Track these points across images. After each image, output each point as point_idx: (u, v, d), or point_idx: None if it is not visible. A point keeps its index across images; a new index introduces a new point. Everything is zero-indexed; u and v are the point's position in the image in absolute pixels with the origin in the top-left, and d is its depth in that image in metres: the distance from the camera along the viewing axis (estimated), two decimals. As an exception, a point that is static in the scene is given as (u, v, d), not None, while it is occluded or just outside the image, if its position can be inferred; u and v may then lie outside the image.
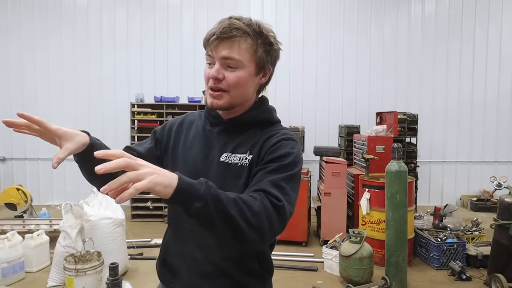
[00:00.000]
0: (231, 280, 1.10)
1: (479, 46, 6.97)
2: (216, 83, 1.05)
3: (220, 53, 1.03)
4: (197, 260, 1.10)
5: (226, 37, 1.01)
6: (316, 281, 3.65)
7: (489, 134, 7.03)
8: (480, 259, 3.86)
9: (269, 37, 1.08)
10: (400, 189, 3.37)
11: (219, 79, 1.04)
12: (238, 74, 1.05)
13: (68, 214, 3.42)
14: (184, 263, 1.12)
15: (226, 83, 1.04)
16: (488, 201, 6.47)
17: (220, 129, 1.15)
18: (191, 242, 1.11)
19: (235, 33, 1.01)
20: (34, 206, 5.25)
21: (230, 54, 1.02)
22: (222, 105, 1.08)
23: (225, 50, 1.02)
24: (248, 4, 6.91)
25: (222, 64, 1.04)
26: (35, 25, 6.80)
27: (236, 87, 1.05)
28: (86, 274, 2.97)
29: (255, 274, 1.12)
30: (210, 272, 1.09)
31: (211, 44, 1.03)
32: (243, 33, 1.02)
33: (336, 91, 6.98)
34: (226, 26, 1.01)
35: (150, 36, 6.90)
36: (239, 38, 1.02)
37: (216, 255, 1.09)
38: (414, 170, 5.96)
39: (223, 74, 1.04)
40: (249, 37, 1.03)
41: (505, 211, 3.31)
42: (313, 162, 6.45)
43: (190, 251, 1.10)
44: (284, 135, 1.08)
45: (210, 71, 1.06)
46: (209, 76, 1.05)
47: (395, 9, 6.98)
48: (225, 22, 1.02)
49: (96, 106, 6.90)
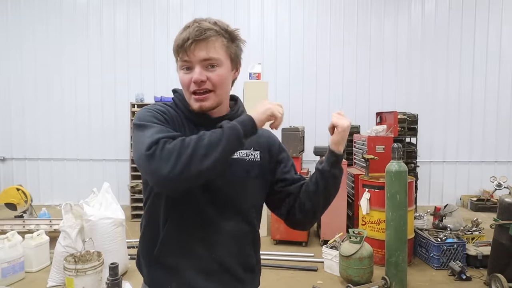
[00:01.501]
0: (233, 277, 1.13)
1: (479, 46, 6.96)
2: (201, 85, 1.06)
3: (199, 55, 1.04)
4: (201, 257, 1.09)
5: (201, 38, 1.03)
6: (316, 281, 3.65)
7: (489, 134, 7.03)
8: (480, 259, 3.86)
9: (235, 33, 1.11)
10: (400, 189, 3.37)
11: (203, 81, 1.05)
12: (219, 72, 1.07)
13: (68, 214, 3.42)
14: (186, 262, 1.10)
15: (210, 83, 1.06)
16: (488, 201, 6.47)
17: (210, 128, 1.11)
18: (195, 239, 1.09)
19: (209, 33, 1.04)
20: (34, 206, 5.25)
21: (209, 55, 1.05)
22: (210, 106, 1.09)
23: (203, 52, 1.04)
24: (248, 4, 6.91)
25: (203, 66, 1.06)
26: (35, 25, 6.80)
27: (220, 85, 1.08)
28: (86, 274, 2.97)
29: (253, 269, 1.20)
30: (214, 270, 1.10)
31: (188, 49, 1.04)
32: (215, 32, 1.06)
33: (336, 91, 6.98)
34: (198, 28, 1.03)
35: (150, 36, 6.91)
36: (212, 38, 1.05)
37: (220, 252, 1.10)
38: (414, 170, 5.96)
39: (205, 75, 1.06)
40: (220, 35, 1.07)
41: (505, 211, 3.31)
42: (313, 162, 6.45)
43: (193, 249, 1.09)
44: (270, 133, 1.30)
45: (189, 76, 1.06)
46: (193, 80, 1.05)
47: (395, 9, 6.98)
48: (194, 26, 1.05)
49: (96, 106, 6.90)
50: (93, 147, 6.90)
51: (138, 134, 1.01)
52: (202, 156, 0.92)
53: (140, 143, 0.97)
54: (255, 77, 5.13)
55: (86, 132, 6.90)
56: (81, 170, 6.92)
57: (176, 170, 0.90)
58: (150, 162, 0.92)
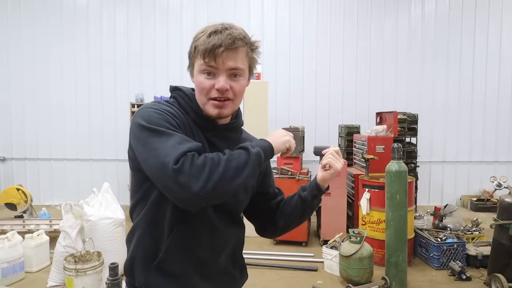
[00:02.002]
0: (230, 277, 1.19)
1: (479, 46, 6.96)
2: (224, 94, 1.06)
3: (228, 64, 1.04)
4: (207, 263, 1.12)
5: (233, 47, 1.03)
6: (316, 281, 3.65)
7: (489, 134, 7.02)
8: (480, 259, 3.86)
9: (256, 45, 1.12)
10: (400, 189, 3.37)
11: (228, 89, 1.05)
12: (241, 82, 1.09)
13: (68, 214, 3.42)
14: (191, 268, 1.10)
15: (232, 92, 1.07)
16: (488, 201, 6.47)
17: (215, 134, 1.14)
18: (203, 247, 1.10)
19: (240, 43, 1.04)
20: (34, 206, 5.25)
21: (237, 65, 1.05)
22: (228, 114, 1.11)
23: (232, 61, 1.04)
24: (248, 4, 6.91)
25: (228, 74, 1.06)
26: (35, 25, 6.80)
27: (240, 95, 1.10)
28: (86, 274, 2.97)
29: (243, 267, 1.27)
30: (217, 273, 1.14)
31: (218, 55, 1.02)
32: (243, 42, 1.06)
33: (336, 91, 6.98)
34: (231, 36, 1.02)
35: (150, 36, 6.91)
36: (242, 48, 1.06)
37: (224, 256, 1.15)
38: (414, 170, 5.95)
39: (229, 84, 1.06)
40: (246, 45, 1.07)
41: (505, 211, 3.31)
42: (313, 162, 6.44)
43: (200, 256, 1.11)
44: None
45: (212, 82, 1.05)
46: (218, 88, 1.04)
47: (395, 9, 6.98)
48: (227, 33, 1.03)
49: (96, 106, 6.90)
50: (93, 147, 6.91)
51: (154, 141, 0.94)
52: (231, 178, 0.93)
53: (163, 153, 0.90)
54: (255, 77, 5.13)
55: (86, 132, 6.90)
56: (81, 170, 6.92)
57: (207, 187, 0.88)
58: (179, 177, 0.87)
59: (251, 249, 4.26)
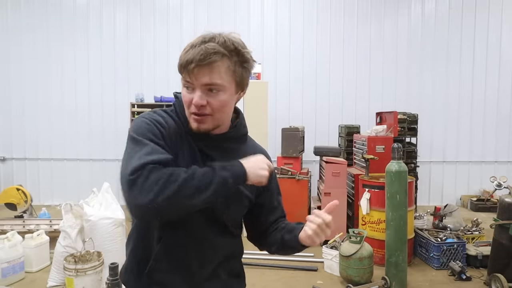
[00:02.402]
0: (221, 284, 1.16)
1: (479, 46, 6.96)
2: (200, 110, 1.03)
3: (201, 80, 1.00)
4: (194, 273, 1.11)
5: (205, 63, 0.98)
6: (316, 281, 3.65)
7: (489, 134, 7.02)
8: (480, 259, 3.86)
9: (245, 54, 1.05)
10: (400, 189, 3.37)
11: (203, 105, 1.02)
12: (221, 98, 1.03)
13: (68, 214, 3.42)
14: (179, 278, 1.10)
15: (210, 108, 1.03)
16: (488, 201, 6.47)
17: (208, 144, 1.11)
18: (190, 255, 1.10)
19: (214, 57, 0.98)
20: (34, 206, 5.25)
21: (212, 80, 1.00)
22: (207, 128, 1.07)
23: (206, 77, 0.99)
24: (248, 4, 6.91)
25: (204, 90, 1.02)
26: (35, 25, 6.80)
27: (220, 110, 1.05)
28: (86, 274, 2.97)
29: (239, 275, 1.25)
30: (206, 282, 1.13)
31: (190, 72, 0.99)
32: (221, 56, 0.99)
33: (336, 91, 6.98)
34: (203, 52, 0.97)
35: (150, 36, 6.90)
36: (217, 63, 0.99)
37: (212, 266, 1.13)
38: (414, 170, 5.95)
39: (206, 100, 1.02)
40: (226, 57, 1.01)
41: (505, 211, 3.31)
42: (313, 162, 6.45)
43: (188, 264, 1.10)
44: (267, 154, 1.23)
45: (191, 97, 1.03)
46: (193, 103, 1.02)
47: (395, 9, 6.98)
48: (201, 48, 0.98)
49: (96, 106, 6.90)
50: (93, 147, 6.90)
51: (129, 148, 0.98)
52: (187, 196, 0.91)
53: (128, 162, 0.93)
54: (255, 77, 5.13)
55: (86, 132, 6.90)
56: (81, 170, 6.92)
57: (156, 201, 0.88)
58: (131, 189, 0.89)
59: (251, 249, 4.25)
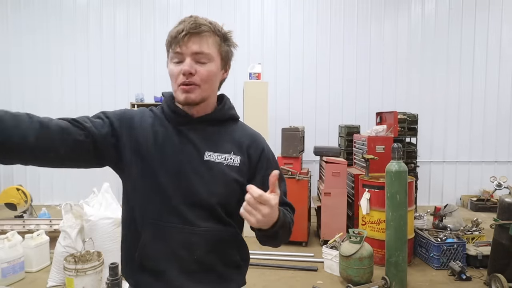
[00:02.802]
0: (215, 274, 1.13)
1: (479, 46, 6.97)
2: (189, 78, 1.06)
3: (191, 47, 1.05)
4: (182, 258, 1.09)
5: (195, 32, 1.05)
6: (316, 281, 3.65)
7: (489, 134, 7.02)
8: (480, 259, 3.86)
9: (228, 35, 1.13)
10: (400, 189, 3.37)
11: (192, 73, 1.06)
12: (209, 68, 1.09)
13: (68, 214, 3.43)
14: (169, 264, 1.09)
15: (198, 77, 1.07)
16: (488, 201, 6.47)
17: (191, 127, 1.14)
18: (175, 241, 1.09)
19: (204, 28, 1.06)
20: (34, 206, 5.25)
21: (201, 49, 1.06)
22: (195, 99, 1.09)
23: (196, 45, 1.06)
24: (248, 4, 6.91)
25: (193, 59, 1.07)
26: (35, 25, 6.80)
27: (207, 81, 1.09)
28: (86, 274, 2.97)
29: (236, 266, 1.19)
30: (195, 269, 1.10)
31: (181, 40, 1.05)
32: (210, 30, 1.08)
33: (336, 91, 6.98)
34: (194, 22, 1.05)
35: (150, 36, 6.91)
36: (207, 33, 1.07)
37: (201, 252, 1.09)
38: (414, 170, 5.95)
39: (195, 68, 1.06)
40: (215, 33, 1.09)
41: (505, 211, 3.31)
42: (313, 162, 6.45)
43: (175, 251, 1.09)
44: (261, 142, 1.22)
45: (179, 68, 1.07)
46: (182, 71, 1.05)
47: (395, 9, 6.98)
48: (191, 20, 1.06)
49: (96, 106, 6.89)
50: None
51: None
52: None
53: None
54: (255, 77, 5.13)
55: (86, 132, 6.90)
56: (81, 170, 6.85)
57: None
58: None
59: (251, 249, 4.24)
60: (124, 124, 1.13)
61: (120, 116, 1.14)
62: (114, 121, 1.11)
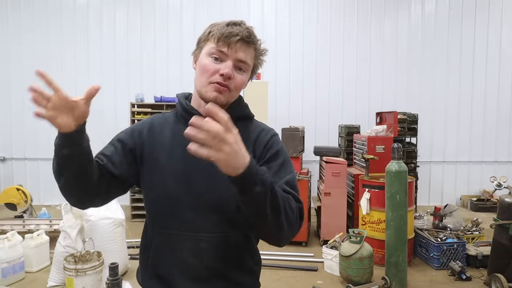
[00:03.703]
0: (227, 281, 1.11)
1: (479, 46, 6.97)
2: (226, 81, 1.05)
3: (239, 54, 1.06)
4: (191, 266, 1.08)
5: (248, 41, 1.07)
6: (316, 281, 3.65)
7: (489, 134, 7.03)
8: (480, 259, 3.86)
9: (263, 50, 1.16)
10: (400, 189, 3.37)
11: (230, 77, 1.06)
12: (244, 77, 1.10)
13: (68, 214, 3.42)
14: (178, 272, 1.09)
15: (233, 83, 1.07)
16: (488, 201, 6.47)
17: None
18: (184, 249, 1.08)
19: (254, 39, 1.09)
20: (34, 206, 5.25)
21: (246, 58, 1.08)
22: (223, 101, 1.08)
23: (243, 53, 1.07)
24: (248, 4, 6.91)
25: (235, 64, 1.07)
26: (35, 25, 6.80)
27: (238, 88, 1.10)
28: (86, 274, 2.97)
29: (249, 270, 1.15)
30: (206, 276, 1.09)
31: (232, 44, 1.05)
32: (255, 42, 1.10)
33: (336, 91, 6.98)
34: (249, 31, 1.07)
35: (150, 36, 6.91)
36: (254, 45, 1.10)
37: (210, 258, 1.08)
38: (414, 170, 5.96)
39: (233, 74, 1.06)
40: (256, 47, 1.12)
41: (505, 211, 3.31)
42: (313, 162, 6.45)
43: (184, 258, 1.08)
44: (270, 131, 1.19)
45: (218, 66, 1.05)
46: (222, 73, 1.04)
47: (395, 9, 6.98)
48: (244, 26, 1.08)
49: (96, 106, 6.87)
50: (93, 147, 6.82)
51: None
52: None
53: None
54: (255, 77, 5.13)
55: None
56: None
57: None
58: None
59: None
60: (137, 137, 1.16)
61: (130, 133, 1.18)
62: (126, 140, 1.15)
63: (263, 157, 1.11)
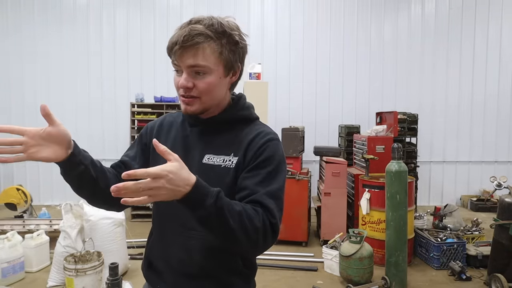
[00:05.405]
0: (216, 280, 1.11)
1: (479, 46, 6.97)
2: (187, 92, 1.04)
3: (186, 62, 1.01)
4: (181, 261, 1.10)
5: (188, 45, 0.98)
6: (316, 281, 3.65)
7: (489, 134, 7.03)
8: (480, 259, 3.86)
9: (233, 36, 1.04)
10: (400, 189, 3.38)
11: (189, 87, 1.03)
12: (207, 80, 1.03)
13: (68, 214, 3.42)
14: (169, 265, 1.13)
15: (196, 90, 1.04)
16: (488, 201, 6.47)
17: (199, 129, 1.15)
18: (175, 244, 1.12)
19: (197, 39, 0.98)
20: (34, 206, 5.25)
21: (196, 62, 1.00)
22: (195, 111, 1.08)
23: (190, 59, 1.00)
24: (248, 4, 6.91)
25: (190, 72, 1.03)
26: (35, 25, 6.80)
27: (207, 92, 1.05)
28: (86, 274, 2.97)
29: (239, 273, 1.14)
30: (195, 273, 1.10)
31: (175, 54, 1.01)
32: (206, 38, 0.99)
33: (336, 91, 6.99)
34: (187, 33, 0.98)
35: (150, 36, 6.91)
36: (202, 44, 0.99)
37: (200, 256, 1.09)
38: (414, 170, 5.96)
39: (192, 82, 1.03)
40: (212, 40, 1.01)
41: (505, 211, 3.31)
42: (313, 162, 6.45)
43: (175, 253, 1.11)
44: (268, 135, 1.11)
45: (179, 79, 1.05)
46: (179, 86, 1.04)
47: (395, 9, 6.98)
48: (185, 29, 0.99)
49: (96, 106, 6.90)
50: (93, 147, 6.89)
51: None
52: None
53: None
54: (255, 77, 5.13)
55: (86, 132, 6.89)
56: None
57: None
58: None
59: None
60: (149, 134, 1.25)
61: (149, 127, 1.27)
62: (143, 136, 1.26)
63: (252, 162, 1.06)
